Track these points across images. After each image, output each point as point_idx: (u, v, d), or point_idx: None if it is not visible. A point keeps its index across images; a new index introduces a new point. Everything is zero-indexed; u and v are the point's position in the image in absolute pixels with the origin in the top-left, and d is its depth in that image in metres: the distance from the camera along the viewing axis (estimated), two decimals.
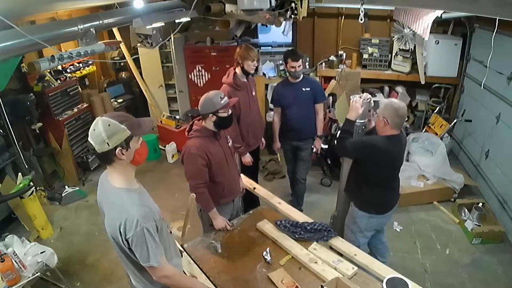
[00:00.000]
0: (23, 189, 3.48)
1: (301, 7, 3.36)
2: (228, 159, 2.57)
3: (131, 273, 1.80)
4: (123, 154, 1.54)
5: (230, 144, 2.63)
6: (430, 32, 2.84)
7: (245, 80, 3.24)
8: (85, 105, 4.84)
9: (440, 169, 4.01)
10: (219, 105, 2.35)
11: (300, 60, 3.36)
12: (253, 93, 3.39)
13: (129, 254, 1.63)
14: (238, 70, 3.19)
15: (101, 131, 1.49)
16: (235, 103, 3.08)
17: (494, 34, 3.18)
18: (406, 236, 3.60)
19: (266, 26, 4.96)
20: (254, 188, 3.05)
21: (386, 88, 5.32)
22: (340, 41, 5.45)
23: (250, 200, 3.26)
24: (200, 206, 2.59)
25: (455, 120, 4.59)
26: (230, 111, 2.45)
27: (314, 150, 3.76)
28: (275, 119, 3.68)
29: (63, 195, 4.35)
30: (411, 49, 4.64)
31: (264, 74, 5.25)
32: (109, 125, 1.50)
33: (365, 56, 5.16)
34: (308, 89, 3.46)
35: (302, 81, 3.47)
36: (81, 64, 5.06)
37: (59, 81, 4.58)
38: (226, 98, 2.42)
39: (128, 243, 1.55)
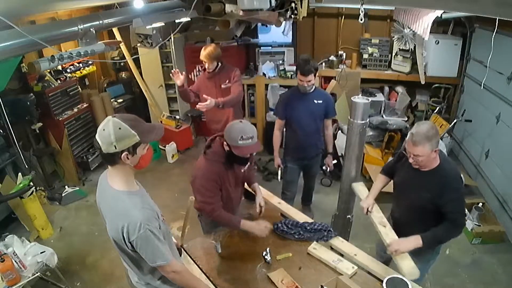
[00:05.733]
0: (23, 189, 3.48)
1: (301, 7, 3.35)
2: (235, 187, 2.44)
3: (132, 273, 1.80)
4: (128, 158, 1.52)
5: (243, 170, 2.45)
6: (430, 32, 2.83)
7: (214, 70, 3.43)
8: (85, 105, 4.83)
9: None
10: (235, 143, 2.15)
11: (311, 75, 2.95)
12: (222, 86, 3.46)
13: (132, 255, 1.63)
14: None
15: (111, 133, 1.46)
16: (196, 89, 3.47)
17: (494, 34, 3.18)
18: None
19: (266, 26, 4.97)
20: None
21: (386, 88, 5.30)
22: (340, 41, 5.45)
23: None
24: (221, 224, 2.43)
25: (455, 120, 4.58)
26: (248, 155, 2.26)
27: (329, 169, 3.56)
28: (276, 133, 3.33)
29: (63, 195, 4.36)
30: (411, 49, 4.64)
31: (264, 74, 5.24)
32: (119, 128, 1.47)
33: (365, 56, 5.15)
34: (321, 101, 3.15)
35: (315, 92, 3.16)
36: (81, 64, 5.06)
37: (59, 81, 4.58)
38: (250, 141, 2.15)
39: (132, 245, 1.55)
